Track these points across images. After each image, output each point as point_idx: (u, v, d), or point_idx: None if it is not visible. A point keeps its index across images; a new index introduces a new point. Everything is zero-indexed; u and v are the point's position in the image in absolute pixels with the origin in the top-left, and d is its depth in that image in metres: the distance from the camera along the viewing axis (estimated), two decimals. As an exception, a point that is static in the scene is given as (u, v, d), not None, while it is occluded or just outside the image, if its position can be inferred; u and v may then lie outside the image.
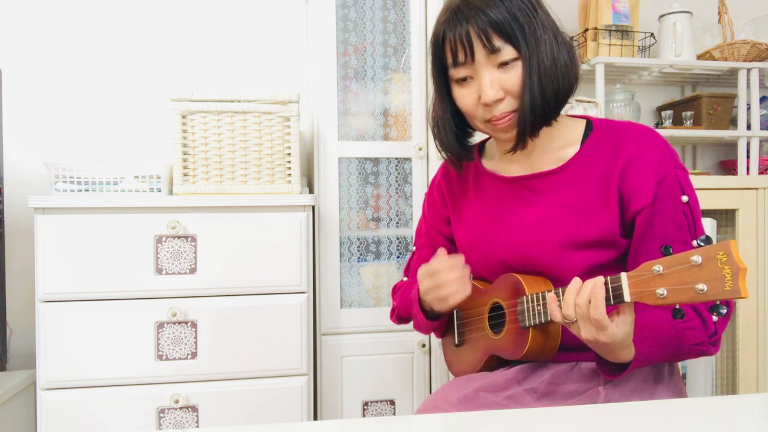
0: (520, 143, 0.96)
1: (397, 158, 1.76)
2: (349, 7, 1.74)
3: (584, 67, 2.07)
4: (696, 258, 0.70)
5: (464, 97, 0.96)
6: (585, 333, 0.81)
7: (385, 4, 1.76)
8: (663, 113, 2.22)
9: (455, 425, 0.69)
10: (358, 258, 1.75)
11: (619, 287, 0.77)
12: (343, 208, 1.74)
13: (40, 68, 1.91)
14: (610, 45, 2.05)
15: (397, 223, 1.77)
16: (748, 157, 2.14)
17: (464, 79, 0.95)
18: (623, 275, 0.77)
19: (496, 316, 1.02)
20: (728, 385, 2.04)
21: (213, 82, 2.00)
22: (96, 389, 1.44)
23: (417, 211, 1.74)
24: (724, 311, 0.70)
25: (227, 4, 2.02)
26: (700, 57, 2.17)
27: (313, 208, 1.66)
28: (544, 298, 0.89)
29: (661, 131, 2.00)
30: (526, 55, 0.90)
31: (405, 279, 1.21)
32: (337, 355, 1.69)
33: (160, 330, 1.47)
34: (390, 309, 1.23)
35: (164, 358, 1.47)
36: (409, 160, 1.76)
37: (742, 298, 0.66)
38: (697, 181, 1.00)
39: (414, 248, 1.22)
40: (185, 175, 1.52)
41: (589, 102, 1.81)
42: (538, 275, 0.98)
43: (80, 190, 1.48)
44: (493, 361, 1.03)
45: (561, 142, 1.00)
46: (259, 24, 2.04)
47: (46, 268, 1.42)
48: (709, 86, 2.35)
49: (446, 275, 0.96)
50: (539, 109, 0.92)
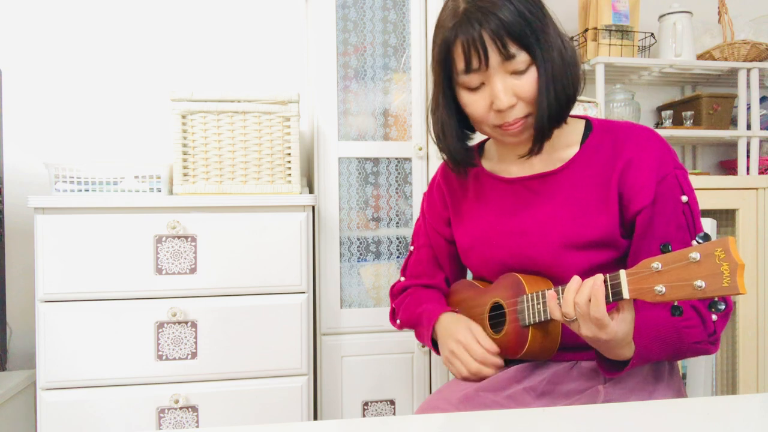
0: (537, 148, 0.95)
1: (397, 158, 1.76)
2: (349, 7, 1.74)
3: (584, 67, 2.07)
4: (694, 255, 0.70)
5: (475, 103, 0.94)
6: (585, 331, 0.81)
7: (385, 4, 1.76)
8: (663, 113, 2.22)
9: (455, 425, 0.69)
10: (358, 258, 1.75)
11: (618, 284, 0.77)
12: (343, 208, 1.74)
13: (40, 68, 1.91)
14: (610, 45, 2.05)
15: (397, 223, 1.77)
16: (748, 157, 2.14)
17: (476, 86, 0.93)
18: (622, 272, 0.78)
19: (497, 315, 1.02)
20: (728, 385, 2.04)
21: (213, 82, 2.00)
22: (96, 389, 1.44)
23: (417, 211, 1.74)
24: (722, 308, 0.70)
25: (227, 4, 2.02)
26: (700, 57, 2.17)
27: (313, 208, 1.66)
28: (544, 297, 0.89)
29: (661, 131, 2.00)
30: (540, 60, 0.89)
31: (402, 279, 1.21)
32: (337, 355, 1.69)
33: (160, 330, 1.47)
34: (389, 311, 1.23)
35: (164, 358, 1.47)
36: (409, 160, 1.76)
37: (739, 294, 0.66)
38: (697, 181, 1.00)
39: (412, 248, 1.21)
40: (185, 175, 1.52)
41: (589, 102, 1.81)
42: (539, 275, 0.98)
43: (80, 190, 1.48)
44: (493, 361, 1.04)
45: (561, 143, 1.00)
46: (259, 24, 2.04)
47: (46, 268, 1.42)
48: (709, 86, 2.35)
49: (478, 366, 0.98)
50: (554, 113, 0.92)
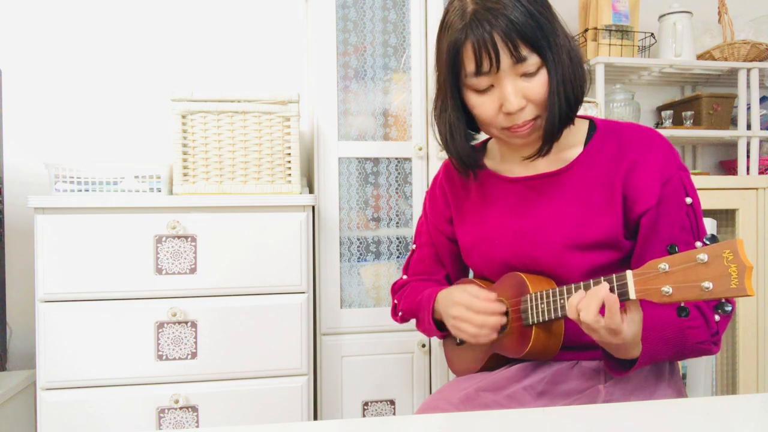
0: (546, 149, 0.95)
1: (397, 158, 1.76)
2: (349, 7, 1.74)
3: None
4: (702, 256, 0.69)
5: (483, 105, 0.93)
6: (597, 337, 0.81)
7: (385, 4, 1.76)
8: (663, 113, 2.22)
9: (455, 425, 0.69)
10: (358, 258, 1.75)
11: (625, 285, 0.77)
12: (343, 208, 1.73)
13: (40, 68, 1.91)
14: (610, 45, 2.05)
15: (397, 223, 1.77)
16: (748, 157, 2.14)
17: (484, 88, 0.92)
18: (629, 273, 0.78)
19: None
20: (728, 385, 2.03)
21: (213, 82, 2.00)
22: (96, 389, 1.44)
23: (417, 211, 1.74)
24: (728, 309, 0.70)
25: (227, 4, 2.02)
26: (700, 57, 2.17)
27: (313, 208, 1.66)
28: (548, 296, 0.89)
29: (661, 131, 2.00)
30: (550, 62, 0.89)
31: (404, 277, 1.21)
32: (337, 355, 1.69)
33: (160, 330, 1.47)
34: (390, 307, 1.23)
35: (164, 358, 1.47)
36: (409, 160, 1.76)
37: (747, 296, 0.66)
38: (697, 181, 1.00)
39: (414, 246, 1.21)
40: (185, 175, 1.52)
41: (589, 102, 1.81)
42: (542, 275, 0.98)
43: (80, 190, 1.48)
44: (494, 360, 1.03)
45: (565, 143, 0.99)
46: (259, 24, 2.04)
47: (46, 268, 1.42)
48: (709, 86, 2.35)
49: (483, 317, 0.95)
50: (564, 114, 0.92)
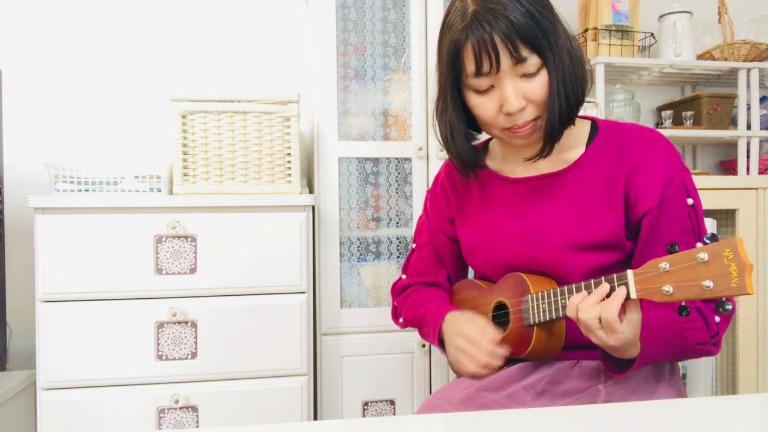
0: (547, 150, 0.95)
1: (397, 158, 1.76)
2: (349, 7, 1.74)
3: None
4: (702, 255, 0.69)
5: (483, 105, 0.93)
6: (594, 338, 0.82)
7: (385, 4, 1.76)
8: (663, 113, 2.22)
9: (455, 425, 0.69)
10: (358, 258, 1.75)
11: (626, 284, 0.77)
12: (343, 208, 1.73)
13: (40, 68, 1.91)
14: (610, 45, 2.05)
15: (397, 223, 1.77)
16: (748, 157, 2.14)
17: (485, 89, 0.92)
18: (629, 272, 0.78)
19: (500, 315, 1.02)
20: (728, 385, 2.03)
21: (213, 82, 2.00)
22: (96, 389, 1.44)
23: (417, 211, 1.74)
24: (729, 308, 0.70)
25: (227, 4, 2.02)
26: (700, 57, 2.17)
27: (313, 208, 1.66)
28: (549, 297, 0.90)
29: (661, 131, 2.00)
30: (551, 62, 0.89)
31: (404, 277, 1.21)
32: (337, 355, 1.69)
33: (160, 330, 1.47)
34: (391, 309, 1.23)
35: (164, 358, 1.47)
36: (409, 160, 1.76)
37: (747, 294, 0.66)
38: (697, 181, 1.00)
39: (414, 245, 1.20)
40: (185, 175, 1.52)
41: (589, 102, 1.81)
42: (543, 275, 0.98)
43: (80, 190, 1.48)
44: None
45: (566, 144, 0.99)
46: (259, 24, 2.04)
47: (46, 268, 1.42)
48: (709, 86, 2.35)
49: (487, 359, 0.96)
50: (565, 115, 0.91)
